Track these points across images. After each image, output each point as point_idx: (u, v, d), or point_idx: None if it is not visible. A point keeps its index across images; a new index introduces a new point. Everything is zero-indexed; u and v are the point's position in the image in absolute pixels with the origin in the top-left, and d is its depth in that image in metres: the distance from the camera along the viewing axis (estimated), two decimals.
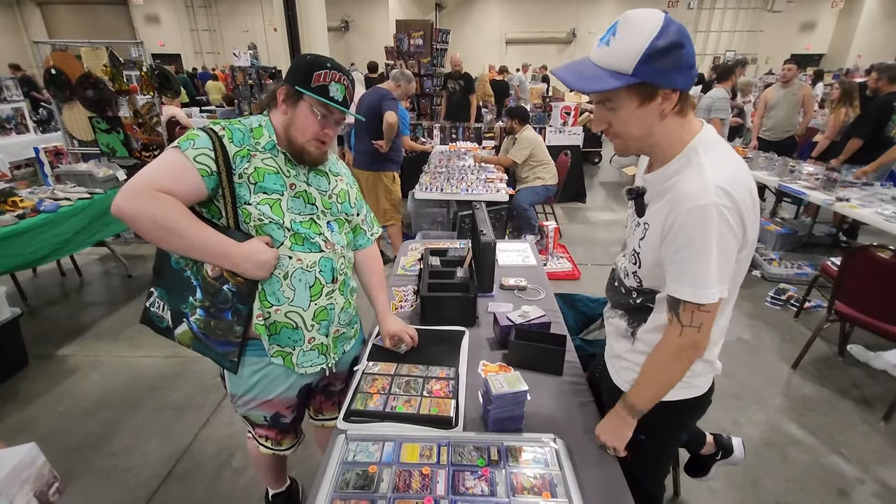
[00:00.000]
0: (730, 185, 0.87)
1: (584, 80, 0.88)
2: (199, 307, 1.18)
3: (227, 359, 1.21)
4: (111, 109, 4.27)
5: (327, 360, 1.32)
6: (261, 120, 1.19)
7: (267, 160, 1.15)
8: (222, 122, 1.14)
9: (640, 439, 1.13)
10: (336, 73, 1.14)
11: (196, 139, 1.08)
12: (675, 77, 0.85)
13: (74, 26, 16.31)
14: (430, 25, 7.34)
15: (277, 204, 1.15)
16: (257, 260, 1.09)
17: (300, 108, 1.14)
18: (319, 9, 3.50)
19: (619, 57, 0.85)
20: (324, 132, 1.17)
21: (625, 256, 1.14)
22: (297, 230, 1.17)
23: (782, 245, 4.31)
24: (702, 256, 0.88)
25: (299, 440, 1.54)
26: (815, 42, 16.86)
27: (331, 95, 1.13)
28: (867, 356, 2.78)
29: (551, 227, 3.97)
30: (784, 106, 5.01)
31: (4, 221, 2.74)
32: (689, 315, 0.94)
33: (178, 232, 1.03)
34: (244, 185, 1.11)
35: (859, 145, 4.08)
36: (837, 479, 2.02)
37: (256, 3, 16.70)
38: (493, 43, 17.72)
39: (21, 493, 0.85)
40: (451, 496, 0.98)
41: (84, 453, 2.12)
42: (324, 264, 1.22)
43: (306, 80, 1.12)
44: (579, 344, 1.63)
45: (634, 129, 0.92)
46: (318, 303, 1.23)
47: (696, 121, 0.96)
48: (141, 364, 2.76)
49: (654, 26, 0.82)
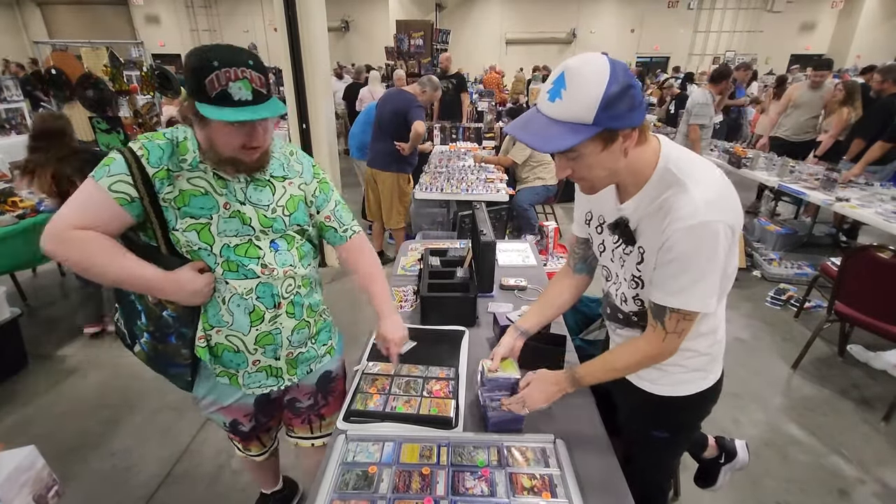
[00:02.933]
0: (718, 199, 0.89)
1: (547, 140, 0.85)
2: (145, 331, 1.16)
3: (180, 379, 1.20)
4: (111, 109, 4.26)
5: (279, 382, 1.25)
6: (185, 132, 1.05)
7: (195, 179, 1.03)
8: (143, 138, 1.02)
9: (664, 437, 1.13)
10: (229, 69, 0.91)
11: (111, 164, 0.98)
12: (631, 116, 0.86)
13: (74, 26, 16.31)
14: (430, 26, 7.34)
15: (206, 229, 1.04)
16: (189, 290, 1.03)
17: (212, 122, 0.96)
18: (319, 9, 3.49)
19: (577, 109, 0.83)
20: (251, 139, 1.00)
21: (613, 284, 1.13)
22: (229, 257, 1.07)
23: (782, 245, 4.31)
24: (695, 272, 0.90)
25: (268, 449, 1.53)
26: (815, 42, 16.85)
27: (236, 99, 0.92)
28: (867, 356, 2.78)
29: (551, 227, 3.95)
30: (809, 106, 4.87)
31: (4, 221, 2.75)
32: (675, 322, 0.96)
33: (97, 271, 0.99)
34: (169, 209, 1.01)
35: (863, 146, 4.07)
36: (837, 479, 2.02)
37: (256, 3, 16.70)
38: (494, 43, 17.72)
39: (20, 497, 0.85)
40: (451, 496, 0.98)
41: (83, 454, 2.12)
42: (262, 290, 1.11)
43: (201, 90, 0.91)
44: (579, 344, 1.63)
45: (599, 172, 0.93)
46: (261, 328, 1.14)
47: (652, 138, 0.97)
48: (140, 364, 2.74)
49: (604, 73, 0.82)
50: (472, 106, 6.99)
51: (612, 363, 1.09)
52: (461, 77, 6.82)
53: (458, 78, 6.73)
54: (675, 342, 0.98)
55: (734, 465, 1.71)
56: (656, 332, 0.99)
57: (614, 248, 1.08)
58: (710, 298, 0.93)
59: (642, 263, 1.00)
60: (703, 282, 0.91)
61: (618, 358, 1.08)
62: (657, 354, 1.02)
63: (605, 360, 1.10)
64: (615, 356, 1.09)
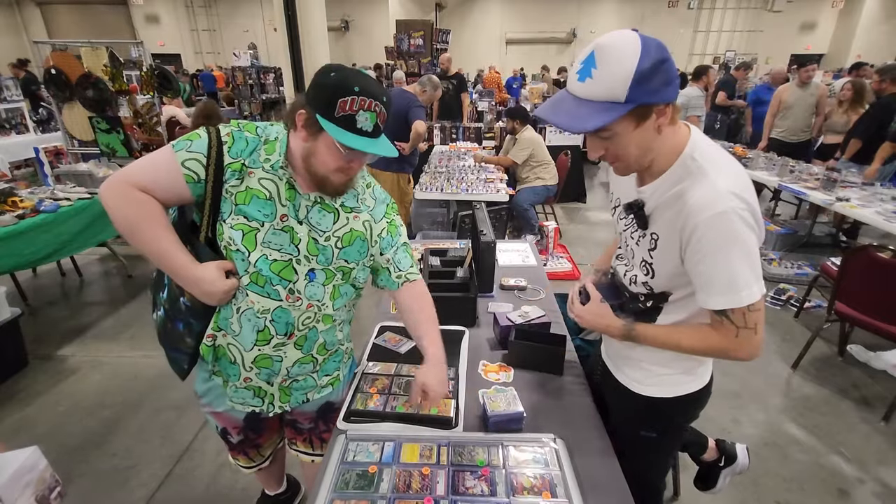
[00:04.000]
0: (739, 187, 0.87)
1: (577, 120, 0.84)
2: (162, 306, 1.16)
3: (177, 364, 1.18)
4: (111, 109, 4.27)
5: (266, 406, 1.21)
6: (279, 133, 1.05)
7: (265, 181, 1.02)
8: (235, 125, 1.04)
9: (652, 437, 1.13)
10: (366, 99, 0.93)
11: (195, 141, 1.00)
12: (665, 92, 0.85)
13: (74, 26, 16.32)
14: (430, 25, 7.35)
15: (252, 234, 1.02)
16: (203, 289, 1.01)
17: (322, 138, 0.97)
18: (319, 9, 3.50)
19: (608, 86, 0.82)
20: (350, 166, 1.01)
21: (625, 265, 1.12)
22: (262, 270, 1.03)
23: (782, 245, 4.31)
24: (728, 264, 0.88)
25: (258, 464, 1.46)
26: (815, 42, 16.85)
27: (359, 127, 0.94)
28: (867, 356, 2.78)
29: (551, 227, 3.96)
30: (801, 106, 4.92)
31: (4, 221, 2.75)
32: (742, 317, 0.91)
33: (138, 237, 1.00)
34: (228, 201, 1.01)
35: (860, 146, 4.08)
36: (837, 479, 2.02)
37: (256, 3, 16.69)
38: (493, 43, 17.71)
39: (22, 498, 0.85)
40: (451, 496, 0.98)
41: (84, 453, 2.12)
42: (278, 315, 1.08)
43: (329, 107, 0.93)
44: (579, 344, 1.63)
45: (633, 150, 0.91)
46: (263, 350, 1.11)
47: (682, 125, 0.96)
48: (141, 364, 2.76)
49: (635, 48, 0.80)
50: (472, 106, 6.99)
51: (677, 338, 1.02)
52: (461, 77, 6.82)
53: (457, 78, 6.74)
54: (752, 338, 0.92)
55: (734, 469, 1.70)
56: (725, 326, 0.93)
57: (628, 228, 1.06)
58: (755, 285, 0.88)
59: (655, 250, 0.99)
60: (741, 271, 0.87)
61: (686, 336, 1.01)
62: (731, 349, 0.95)
63: (671, 332, 1.03)
64: (684, 333, 1.02)
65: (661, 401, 1.12)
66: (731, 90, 6.31)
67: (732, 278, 0.88)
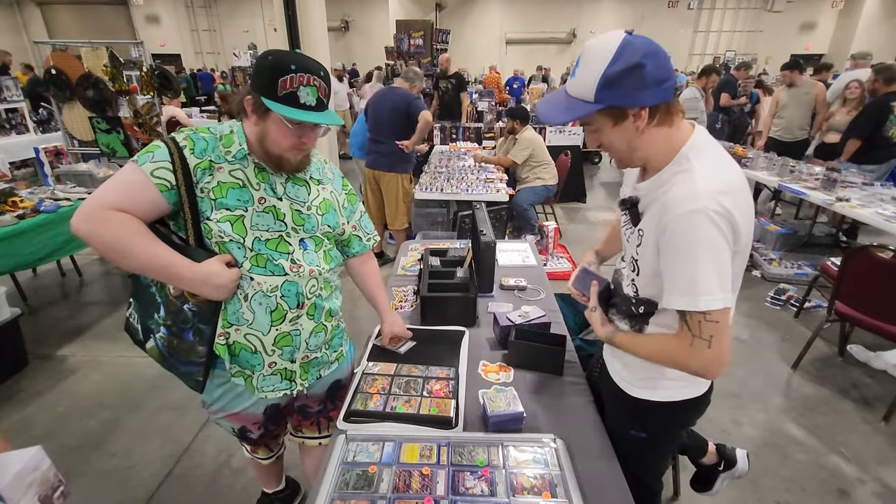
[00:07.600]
0: (722, 190, 0.86)
1: (554, 112, 0.95)
2: (162, 325, 1.15)
3: (191, 378, 1.19)
4: (111, 109, 4.26)
5: (292, 386, 1.25)
6: (233, 126, 1.10)
7: (235, 171, 1.07)
8: (188, 130, 1.07)
9: (642, 437, 1.12)
10: (304, 75, 0.99)
11: (155, 151, 1.02)
12: (639, 96, 0.86)
13: (74, 26, 16.31)
14: (430, 25, 7.35)
15: (240, 221, 1.06)
16: (213, 283, 1.03)
17: (271, 118, 1.02)
18: (319, 9, 3.50)
19: (582, 86, 0.89)
20: (301, 141, 1.07)
21: (623, 263, 1.13)
22: (260, 250, 1.09)
23: (782, 245, 4.31)
24: (691, 263, 0.86)
25: (276, 453, 1.56)
26: (815, 42, 16.84)
27: (302, 102, 1.00)
28: (867, 356, 2.78)
29: (551, 227, 3.96)
30: (795, 106, 4.98)
31: (4, 221, 2.74)
32: (697, 325, 0.89)
33: (127, 254, 0.99)
34: (205, 199, 1.04)
35: (858, 145, 4.08)
36: (837, 479, 2.02)
37: (256, 3, 16.68)
38: (493, 43, 17.70)
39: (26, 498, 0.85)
40: (451, 496, 0.98)
41: (84, 453, 2.12)
42: (287, 289, 1.12)
43: (271, 88, 0.98)
44: (579, 344, 1.63)
45: (619, 145, 0.96)
46: (281, 328, 1.15)
47: (686, 126, 0.95)
48: (141, 364, 2.76)
49: (608, 53, 0.85)
50: (472, 106, 7.00)
51: (636, 345, 1.05)
52: (460, 77, 6.82)
53: (456, 78, 6.74)
54: (703, 350, 0.89)
55: (733, 474, 1.69)
56: (683, 332, 0.93)
57: (626, 225, 1.07)
58: (718, 293, 0.86)
59: (641, 247, 0.99)
60: (704, 274, 0.85)
61: (645, 343, 1.03)
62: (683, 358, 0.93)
63: (635, 339, 1.06)
64: (644, 340, 1.04)
65: (652, 403, 1.11)
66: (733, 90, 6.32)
67: (693, 279, 0.87)
